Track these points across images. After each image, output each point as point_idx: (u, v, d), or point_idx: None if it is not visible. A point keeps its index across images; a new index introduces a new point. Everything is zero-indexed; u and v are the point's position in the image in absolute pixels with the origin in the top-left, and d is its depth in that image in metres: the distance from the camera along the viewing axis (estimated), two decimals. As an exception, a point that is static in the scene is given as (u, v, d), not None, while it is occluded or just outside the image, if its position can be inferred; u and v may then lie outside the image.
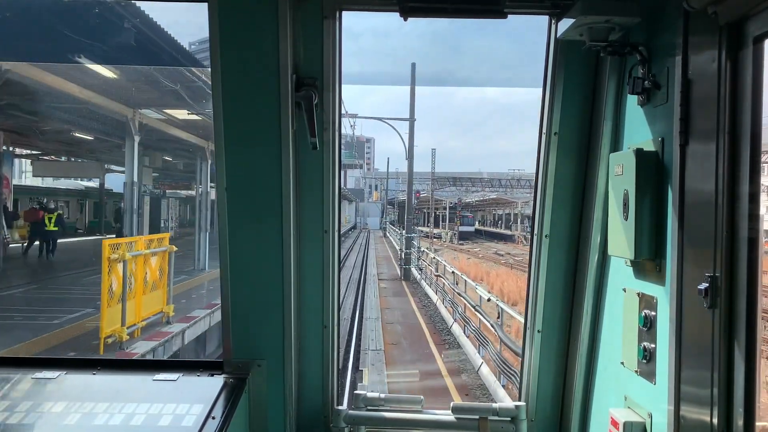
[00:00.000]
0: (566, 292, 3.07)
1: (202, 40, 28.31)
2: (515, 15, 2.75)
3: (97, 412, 2.51)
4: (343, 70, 2.93)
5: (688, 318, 2.15)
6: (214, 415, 2.52)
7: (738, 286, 1.96)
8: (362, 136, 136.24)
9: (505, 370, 13.64)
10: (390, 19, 13.54)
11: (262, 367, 2.93)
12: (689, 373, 2.15)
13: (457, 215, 73.22)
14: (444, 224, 75.86)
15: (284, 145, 2.78)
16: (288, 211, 2.84)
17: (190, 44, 15.79)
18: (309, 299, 3.03)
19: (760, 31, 1.88)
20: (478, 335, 17.14)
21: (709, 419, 2.03)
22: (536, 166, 3.06)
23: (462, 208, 74.58)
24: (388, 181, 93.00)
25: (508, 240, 66.04)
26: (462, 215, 74.65)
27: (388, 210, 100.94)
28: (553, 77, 2.88)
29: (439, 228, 72.78)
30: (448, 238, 65.80)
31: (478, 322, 17.66)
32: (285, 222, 2.85)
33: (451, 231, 70.09)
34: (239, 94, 2.75)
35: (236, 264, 2.88)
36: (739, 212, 1.96)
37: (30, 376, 2.82)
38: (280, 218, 2.84)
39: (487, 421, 2.89)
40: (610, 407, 2.64)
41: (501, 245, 59.59)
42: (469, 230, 74.93)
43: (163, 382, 2.81)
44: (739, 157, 1.95)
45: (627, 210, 2.44)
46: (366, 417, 2.99)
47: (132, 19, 11.81)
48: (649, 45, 2.45)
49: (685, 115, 2.14)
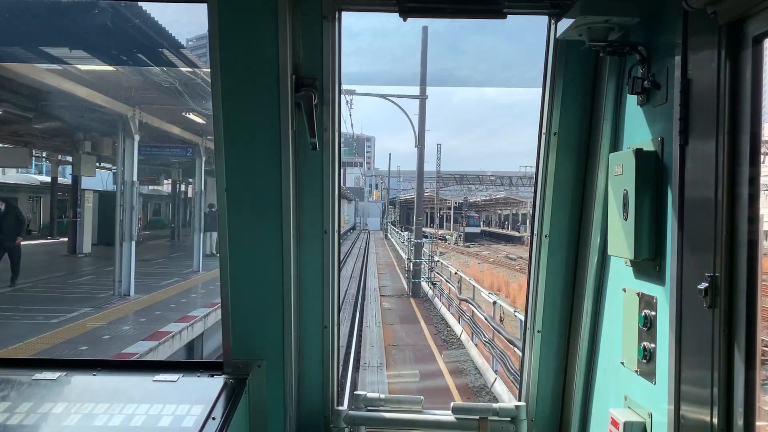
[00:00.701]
0: (566, 292, 3.07)
1: (200, 36, 27.19)
2: (514, 15, 2.76)
3: (97, 413, 2.51)
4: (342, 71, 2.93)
5: (687, 318, 2.15)
6: (215, 416, 2.52)
7: (738, 286, 1.96)
8: (363, 135, 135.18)
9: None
10: (389, 18, 13.10)
11: (262, 368, 2.93)
12: (689, 372, 2.15)
13: (462, 215, 69.07)
14: (448, 225, 72.99)
15: (284, 146, 2.78)
16: (288, 212, 2.84)
17: (187, 41, 15.70)
18: (309, 299, 3.03)
19: (759, 31, 1.88)
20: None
21: (709, 419, 2.03)
22: (536, 166, 3.06)
23: (467, 208, 71.05)
24: (389, 179, 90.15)
25: (516, 242, 63.52)
26: (467, 215, 70.40)
27: (389, 210, 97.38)
28: (553, 77, 2.89)
29: (443, 229, 69.29)
30: (453, 240, 63.12)
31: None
32: (285, 222, 2.85)
33: (456, 232, 67.45)
34: (239, 94, 2.75)
35: (236, 264, 2.88)
36: (738, 212, 1.96)
37: (30, 376, 2.82)
38: (280, 218, 2.84)
39: (487, 421, 2.89)
40: (610, 407, 2.64)
41: (510, 248, 57.30)
42: (475, 231, 71.89)
43: (163, 383, 2.81)
44: (738, 156, 1.95)
45: (627, 210, 2.44)
46: (366, 417, 2.99)
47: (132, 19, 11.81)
48: (648, 45, 2.45)
49: (684, 114, 2.14)
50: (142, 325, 13.99)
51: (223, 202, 2.82)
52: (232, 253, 2.87)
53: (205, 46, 12.81)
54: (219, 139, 2.76)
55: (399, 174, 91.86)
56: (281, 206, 2.83)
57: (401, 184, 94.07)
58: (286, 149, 2.79)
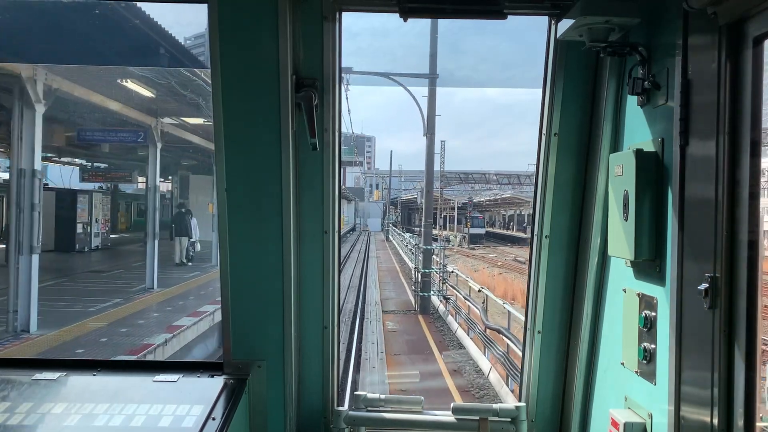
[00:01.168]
0: (566, 292, 3.07)
1: (198, 35, 25.81)
2: (515, 15, 2.76)
3: (97, 413, 2.51)
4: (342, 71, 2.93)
5: (688, 318, 2.15)
6: (215, 416, 2.52)
7: (738, 286, 1.96)
8: (363, 135, 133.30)
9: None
10: (389, 18, 12.85)
11: (262, 368, 2.93)
12: (689, 373, 2.15)
13: (467, 216, 66.19)
14: (451, 226, 69.85)
15: (284, 146, 2.79)
16: (288, 212, 2.84)
17: (185, 39, 14.89)
18: (309, 300, 3.03)
19: (760, 32, 1.88)
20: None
21: (709, 419, 2.03)
22: (536, 167, 3.06)
23: (471, 208, 67.77)
24: (390, 178, 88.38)
25: (522, 243, 59.74)
26: (472, 216, 66.92)
27: (390, 210, 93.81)
28: (553, 78, 2.89)
29: (446, 230, 66.74)
30: (458, 242, 60.25)
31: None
32: (285, 222, 2.85)
33: (459, 233, 64.61)
34: (239, 94, 2.75)
35: (236, 265, 2.88)
36: (739, 212, 1.96)
37: (30, 376, 2.83)
38: (280, 219, 2.84)
39: (488, 421, 2.89)
40: (610, 408, 2.64)
41: (516, 250, 55.11)
42: (480, 233, 67.56)
43: (164, 383, 2.81)
44: (739, 157, 1.95)
45: (627, 210, 2.44)
46: (366, 418, 2.99)
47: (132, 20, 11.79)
48: (648, 45, 2.45)
49: (684, 115, 2.14)
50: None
51: (224, 202, 2.82)
52: (232, 254, 2.87)
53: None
54: (219, 139, 2.76)
55: (400, 174, 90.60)
56: (281, 206, 2.83)
57: (402, 183, 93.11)
58: (286, 149, 2.79)
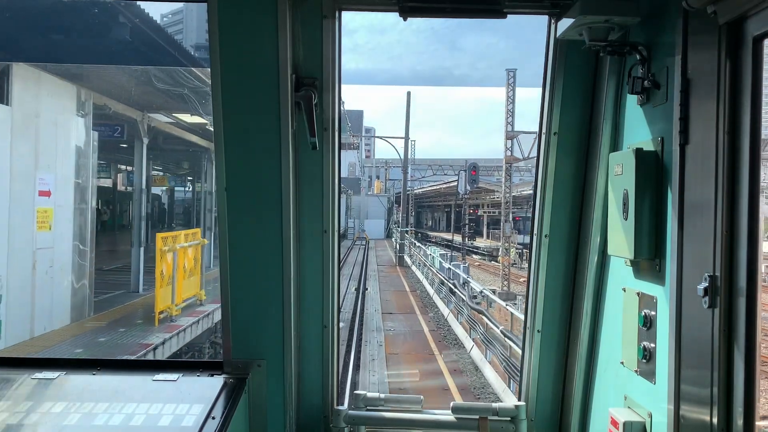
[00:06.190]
0: (566, 291, 3.07)
1: (175, 11, 24.67)
2: (514, 15, 2.76)
3: (96, 413, 2.51)
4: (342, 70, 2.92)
5: (687, 318, 2.15)
6: (214, 415, 2.52)
7: (737, 285, 1.96)
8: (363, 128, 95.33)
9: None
10: (387, 16, 12.57)
11: (262, 367, 2.93)
12: (689, 372, 2.15)
13: (512, 219, 36.08)
14: (489, 231, 49.56)
15: (284, 145, 2.79)
16: (288, 211, 2.84)
17: (162, 16, 14.75)
18: (309, 299, 3.03)
19: (759, 31, 1.88)
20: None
21: (709, 419, 2.03)
22: (536, 166, 3.06)
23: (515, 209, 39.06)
24: (407, 157, 52.50)
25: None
26: (521, 218, 45.71)
27: (395, 209, 70.16)
28: (553, 77, 2.89)
29: (482, 238, 47.65)
30: (511, 258, 32.73)
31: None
32: (285, 222, 2.85)
33: (507, 243, 32.03)
34: (239, 94, 2.75)
35: (236, 264, 2.88)
36: (738, 212, 1.96)
37: (30, 376, 2.82)
38: (280, 218, 2.85)
39: (487, 420, 2.89)
40: (609, 407, 2.64)
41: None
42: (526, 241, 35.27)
43: (163, 383, 2.81)
44: (738, 156, 1.95)
45: (626, 210, 2.44)
46: (366, 417, 3.00)
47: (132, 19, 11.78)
48: (648, 44, 2.45)
49: (684, 114, 2.14)
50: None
51: (223, 201, 2.82)
52: (232, 253, 2.87)
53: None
54: (219, 139, 2.76)
55: (413, 161, 61.92)
56: (281, 206, 2.83)
57: (413, 172, 60.97)
58: (286, 149, 2.79)
